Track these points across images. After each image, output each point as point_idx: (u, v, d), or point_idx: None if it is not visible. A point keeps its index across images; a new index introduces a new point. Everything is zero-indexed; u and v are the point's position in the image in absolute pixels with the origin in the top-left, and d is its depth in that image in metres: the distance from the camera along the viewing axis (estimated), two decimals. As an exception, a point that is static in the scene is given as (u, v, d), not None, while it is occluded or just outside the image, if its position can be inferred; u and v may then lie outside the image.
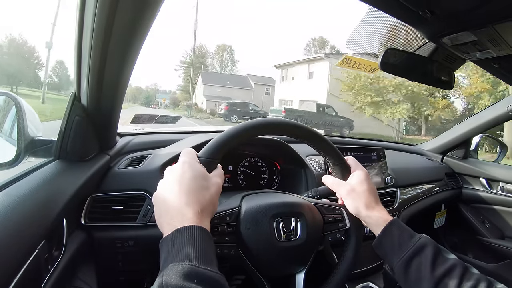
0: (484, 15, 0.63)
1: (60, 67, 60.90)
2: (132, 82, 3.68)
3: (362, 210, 0.73)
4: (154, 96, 75.93)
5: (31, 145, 0.78)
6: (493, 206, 1.84)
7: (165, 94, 72.77)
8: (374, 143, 1.87)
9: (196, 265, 0.45)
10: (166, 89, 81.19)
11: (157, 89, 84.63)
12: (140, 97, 77.86)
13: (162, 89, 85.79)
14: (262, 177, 1.28)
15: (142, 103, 72.25)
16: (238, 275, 1.07)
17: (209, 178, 0.59)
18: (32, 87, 31.62)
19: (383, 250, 0.71)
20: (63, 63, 59.83)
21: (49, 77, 56.44)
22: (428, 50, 0.94)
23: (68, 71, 59.87)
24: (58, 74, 59.72)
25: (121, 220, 0.92)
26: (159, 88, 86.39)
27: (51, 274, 0.68)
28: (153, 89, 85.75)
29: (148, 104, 72.67)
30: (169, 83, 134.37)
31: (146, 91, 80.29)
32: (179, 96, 58.24)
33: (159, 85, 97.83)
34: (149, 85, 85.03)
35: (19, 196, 0.64)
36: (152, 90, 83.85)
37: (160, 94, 73.73)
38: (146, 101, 74.71)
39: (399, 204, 1.44)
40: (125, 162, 1.04)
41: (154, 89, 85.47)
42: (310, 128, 0.75)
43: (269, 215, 0.71)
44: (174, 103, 56.95)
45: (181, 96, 54.83)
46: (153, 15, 0.62)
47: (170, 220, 0.52)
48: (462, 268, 0.62)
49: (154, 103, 72.10)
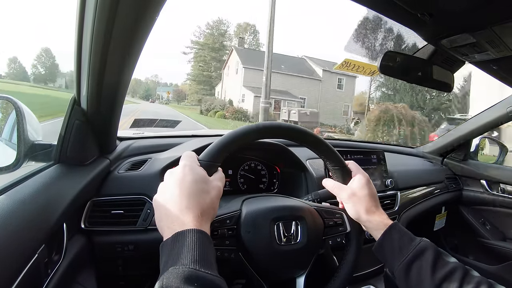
0: (482, 17, 0.63)
1: (47, 55, 55.90)
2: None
3: (362, 214, 0.73)
4: (155, 89, 72.92)
5: (31, 149, 0.78)
6: (493, 208, 1.84)
7: (166, 87, 69.52)
8: (374, 146, 1.87)
9: (197, 268, 0.44)
10: (167, 81, 78.37)
11: (158, 81, 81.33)
12: (139, 90, 74.94)
13: (163, 81, 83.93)
14: (262, 180, 1.27)
15: (141, 96, 69.42)
16: (238, 279, 1.07)
17: (209, 182, 0.59)
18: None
19: (383, 254, 0.70)
20: (49, 51, 54.78)
21: (32, 66, 50.37)
22: (427, 52, 0.95)
23: (56, 60, 53.37)
24: (44, 63, 55.17)
25: (121, 224, 0.91)
26: (159, 80, 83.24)
27: (51, 278, 0.68)
28: (153, 81, 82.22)
29: (147, 97, 69.06)
30: (171, 75, 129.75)
31: (145, 83, 77.42)
32: (187, 88, 51.19)
33: (160, 77, 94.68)
34: (149, 76, 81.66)
35: (19, 200, 0.64)
36: (152, 83, 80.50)
37: (161, 87, 70.84)
38: (145, 95, 71.44)
39: (399, 206, 1.44)
40: (125, 166, 1.04)
41: (155, 81, 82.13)
42: (310, 132, 0.75)
43: (269, 218, 0.71)
44: (179, 97, 52.38)
45: (192, 88, 44.83)
46: (152, 19, 0.62)
47: (170, 223, 0.52)
48: (462, 271, 0.62)
49: (155, 96, 68.40)
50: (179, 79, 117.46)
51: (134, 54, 0.71)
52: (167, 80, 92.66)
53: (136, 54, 0.71)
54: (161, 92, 61.65)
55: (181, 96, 52.50)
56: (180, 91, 55.63)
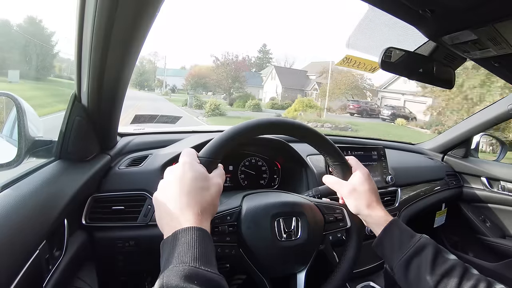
0: (484, 14, 0.63)
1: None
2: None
3: (363, 209, 0.74)
4: (154, 72, 52.08)
5: (32, 145, 0.78)
6: (494, 205, 1.84)
7: (175, 71, 48.82)
8: (375, 142, 1.87)
9: (197, 266, 0.45)
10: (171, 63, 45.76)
11: (156, 63, 56.41)
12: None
13: (163, 62, 57.89)
14: (263, 176, 1.28)
15: (133, 83, 47.85)
16: (239, 275, 1.07)
17: (209, 179, 0.59)
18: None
19: (383, 250, 0.71)
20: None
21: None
22: (428, 49, 0.94)
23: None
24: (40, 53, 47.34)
25: (122, 220, 0.92)
26: (159, 60, 57.86)
27: (52, 274, 0.68)
28: (151, 61, 56.34)
29: (141, 85, 48.98)
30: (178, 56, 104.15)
31: (140, 65, 51.43)
32: (204, 71, 35.35)
33: (160, 56, 63.31)
34: (144, 55, 53.29)
35: (20, 197, 0.64)
36: (150, 65, 55.68)
37: (164, 70, 47.05)
38: (139, 80, 49.82)
39: (400, 203, 1.44)
40: (126, 162, 1.05)
41: (153, 62, 56.60)
42: (311, 127, 0.75)
43: (270, 214, 0.71)
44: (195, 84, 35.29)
45: (220, 73, 28.63)
46: (153, 15, 0.62)
47: (170, 221, 0.52)
48: (462, 269, 0.62)
49: (154, 83, 47.48)
50: (189, 61, 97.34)
51: (135, 50, 0.70)
52: (171, 61, 69.11)
53: (137, 50, 0.71)
54: (164, 77, 43.39)
55: (198, 84, 35.75)
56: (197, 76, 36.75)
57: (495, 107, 1.72)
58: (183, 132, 1.39)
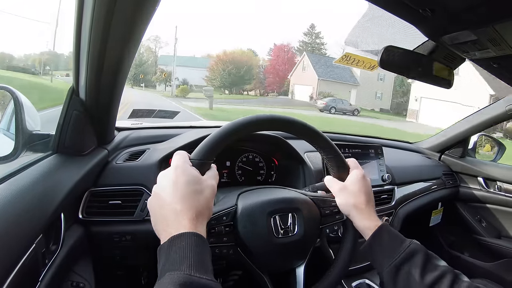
0: (484, 15, 0.63)
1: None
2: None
3: (350, 209, 0.73)
4: (154, 63, 39.12)
5: (29, 139, 0.78)
6: (490, 205, 1.85)
7: (194, 61, 35.53)
8: (372, 141, 1.87)
9: (191, 273, 0.45)
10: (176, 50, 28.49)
11: (157, 51, 41.44)
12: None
13: (167, 49, 42.65)
14: (260, 172, 1.28)
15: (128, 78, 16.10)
16: (235, 271, 1.08)
17: (202, 181, 0.58)
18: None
19: (372, 254, 0.70)
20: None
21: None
22: (428, 48, 0.94)
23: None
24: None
25: (118, 214, 0.92)
26: (161, 47, 42.67)
27: (48, 268, 0.68)
28: (149, 48, 41.66)
29: (137, 80, 35.37)
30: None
31: (137, 52, 12.84)
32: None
33: (164, 42, 46.26)
34: (143, 40, 10.50)
35: (17, 190, 0.64)
36: (148, 51, 41.55)
37: (170, 57, 32.83)
38: (132, 74, 34.10)
39: (396, 201, 1.45)
40: (123, 156, 1.04)
41: (153, 50, 42.05)
42: (305, 123, 0.74)
43: (265, 212, 0.71)
44: None
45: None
46: (153, 8, 0.62)
47: (166, 227, 0.52)
48: (452, 276, 0.61)
49: (155, 78, 35.05)
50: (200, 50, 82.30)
51: (134, 44, 0.70)
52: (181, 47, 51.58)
53: (136, 44, 0.71)
54: (173, 68, 29.26)
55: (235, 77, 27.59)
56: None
57: (493, 107, 1.72)
58: (181, 127, 1.38)
